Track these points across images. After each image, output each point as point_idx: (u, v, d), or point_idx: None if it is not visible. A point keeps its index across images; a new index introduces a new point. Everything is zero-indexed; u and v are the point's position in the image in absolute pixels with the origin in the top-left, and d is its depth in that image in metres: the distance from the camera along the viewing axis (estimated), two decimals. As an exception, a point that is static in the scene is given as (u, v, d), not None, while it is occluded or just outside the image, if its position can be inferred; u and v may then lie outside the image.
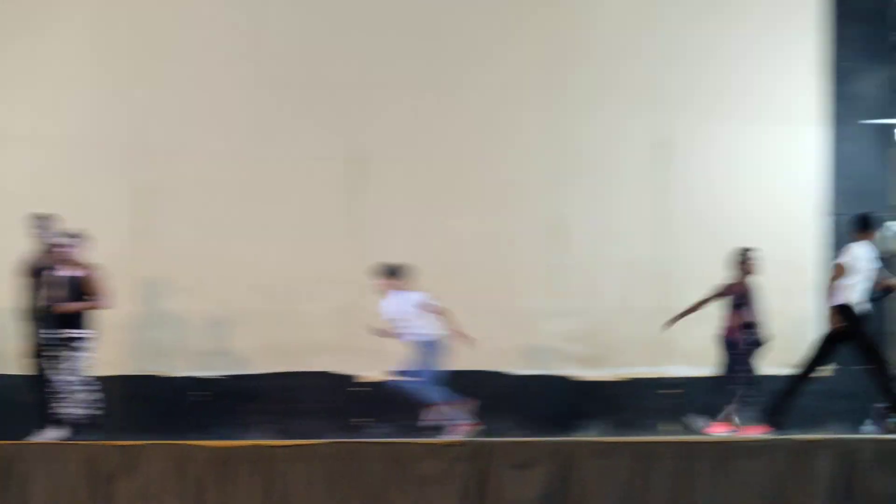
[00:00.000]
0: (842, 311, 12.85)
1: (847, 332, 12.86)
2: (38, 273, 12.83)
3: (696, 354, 14.42)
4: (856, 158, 15.20)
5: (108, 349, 14.02)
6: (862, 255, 12.89)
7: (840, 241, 14.67)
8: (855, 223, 13.09)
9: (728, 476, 11.30)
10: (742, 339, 13.63)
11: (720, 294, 13.66)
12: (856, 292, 12.86)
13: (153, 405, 13.95)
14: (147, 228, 14.57)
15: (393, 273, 13.51)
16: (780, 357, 14.00)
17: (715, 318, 13.85)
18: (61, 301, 12.61)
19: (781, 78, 15.18)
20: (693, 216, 14.90)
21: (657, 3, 15.12)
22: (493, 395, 14.22)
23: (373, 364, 14.27)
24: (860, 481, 11.21)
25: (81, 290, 12.66)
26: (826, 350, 13.11)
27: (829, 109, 15.17)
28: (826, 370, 13.63)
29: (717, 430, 13.41)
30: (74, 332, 12.66)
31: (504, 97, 14.89)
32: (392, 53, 14.90)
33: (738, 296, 13.64)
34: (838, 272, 12.87)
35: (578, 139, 14.89)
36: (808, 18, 15.22)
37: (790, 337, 14.30)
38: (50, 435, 12.59)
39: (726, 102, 15.08)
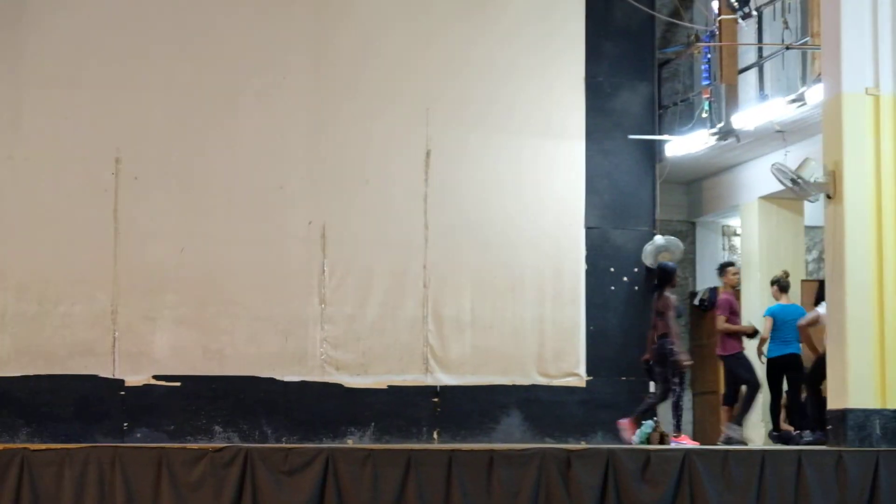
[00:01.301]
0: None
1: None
2: None
3: (455, 364, 14.77)
4: (618, 173, 15.60)
5: None
6: None
7: (595, 253, 15.13)
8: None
9: (491, 484, 11.47)
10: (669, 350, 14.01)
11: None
12: None
13: None
14: None
15: None
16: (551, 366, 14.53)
17: (471, 327, 14.22)
18: None
19: (546, 93, 15.46)
20: (461, 226, 15.05)
21: (434, 19, 15.24)
22: (261, 400, 14.35)
23: (134, 368, 14.15)
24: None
25: None
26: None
27: (590, 125, 15.49)
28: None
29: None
30: None
31: (279, 103, 14.85)
32: (160, 55, 14.69)
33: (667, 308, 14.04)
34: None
35: (353, 148, 14.92)
36: (571, 36, 15.54)
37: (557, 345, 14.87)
38: None
39: (495, 116, 15.30)
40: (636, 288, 15.31)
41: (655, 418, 13.96)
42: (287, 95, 14.88)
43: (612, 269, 15.27)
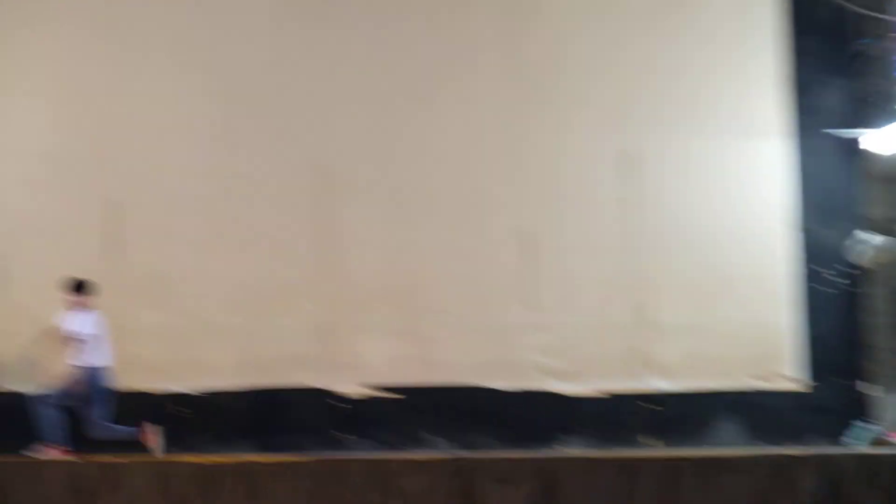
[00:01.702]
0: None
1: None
2: None
3: (673, 369, 14.66)
4: (821, 171, 15.33)
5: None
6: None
7: (810, 254, 14.87)
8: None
9: (712, 491, 11.43)
10: None
11: None
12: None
13: (131, 421, 13.80)
14: (118, 243, 14.47)
15: (79, 288, 13.57)
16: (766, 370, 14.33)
17: (691, 332, 14.06)
18: None
19: (745, 92, 15.27)
20: (663, 230, 14.92)
21: (626, 22, 15.13)
22: (473, 410, 14.41)
23: (351, 378, 14.36)
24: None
25: None
26: None
27: (792, 122, 15.26)
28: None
29: None
30: None
31: (476, 111, 14.90)
32: (361, 65, 14.88)
33: None
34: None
35: (550, 154, 14.89)
36: (768, 33, 15.31)
37: (761, 350, 14.61)
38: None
39: (693, 117, 15.12)
40: (852, 289, 15.07)
41: (879, 421, 13.72)
42: (484, 103, 14.88)
43: (823, 270, 14.99)
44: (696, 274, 14.76)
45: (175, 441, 13.58)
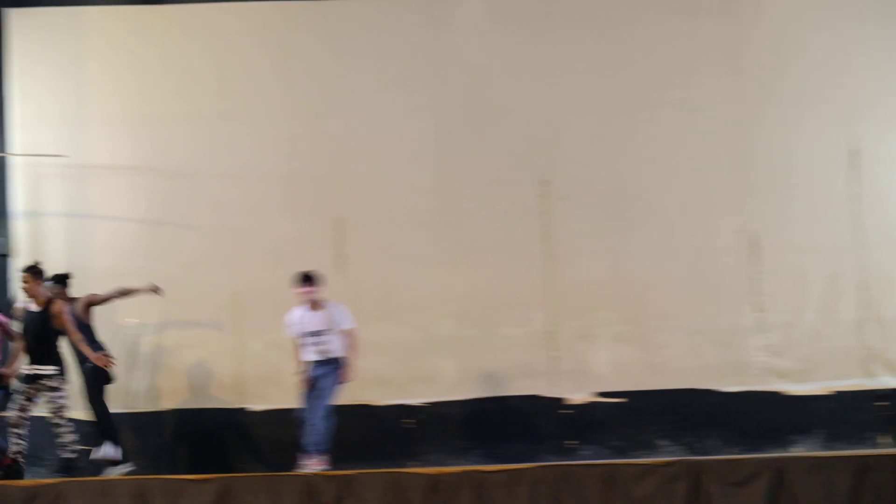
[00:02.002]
0: None
1: None
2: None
3: (904, 366, 14.61)
4: None
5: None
6: None
7: None
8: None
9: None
10: None
11: None
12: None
13: (364, 433, 14.12)
14: (347, 259, 14.81)
15: (313, 281, 13.50)
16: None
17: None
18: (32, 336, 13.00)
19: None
20: (888, 225, 14.71)
21: (854, 19, 14.94)
22: (703, 412, 14.42)
23: (575, 387, 14.48)
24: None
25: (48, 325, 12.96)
26: None
27: None
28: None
29: None
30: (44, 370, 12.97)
31: (698, 114, 14.90)
32: (583, 75, 15.01)
33: None
34: None
35: (776, 153, 14.81)
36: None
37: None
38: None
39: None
40: None
41: None
42: (705, 105, 14.90)
43: None
44: (928, 269, 14.60)
45: (403, 452, 13.99)
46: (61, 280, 13.51)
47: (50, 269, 13.15)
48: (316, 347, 13.35)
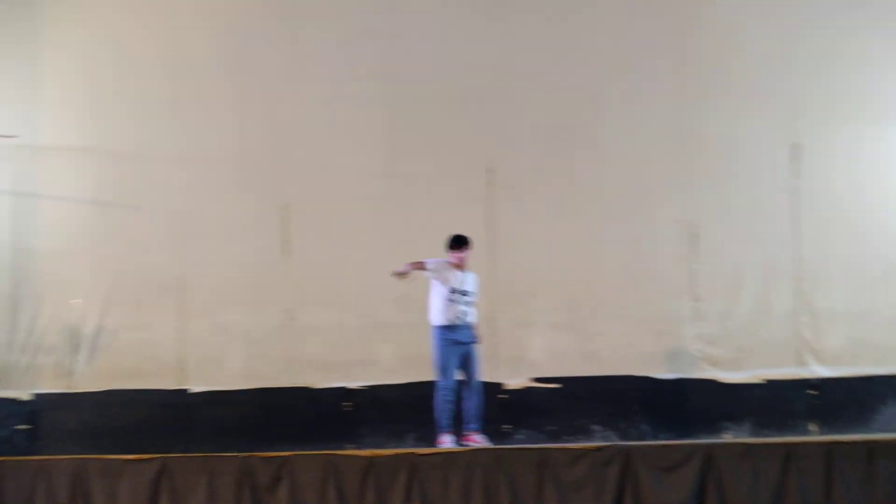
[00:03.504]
0: None
1: None
2: None
3: (831, 356, 14.67)
4: None
5: (256, 362, 14.49)
6: None
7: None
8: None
9: (873, 476, 11.30)
10: None
11: None
12: None
13: (302, 415, 14.34)
14: (292, 243, 14.94)
15: (469, 244, 13.37)
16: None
17: (845, 318, 14.16)
18: None
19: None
20: (835, 218, 14.89)
21: (803, 13, 15.12)
22: (637, 399, 14.58)
23: (513, 372, 14.63)
24: None
25: None
26: None
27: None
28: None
29: None
30: None
31: (638, 104, 15.12)
32: (525, 64, 15.16)
33: None
34: None
35: (719, 145, 14.99)
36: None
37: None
38: None
39: (869, 108, 15.03)
40: None
41: None
42: (652, 97, 15.08)
43: None
44: (861, 261, 14.78)
45: (341, 434, 14.13)
46: None
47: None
48: (466, 307, 13.18)
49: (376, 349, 14.85)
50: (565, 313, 14.76)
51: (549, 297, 14.77)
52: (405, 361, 14.68)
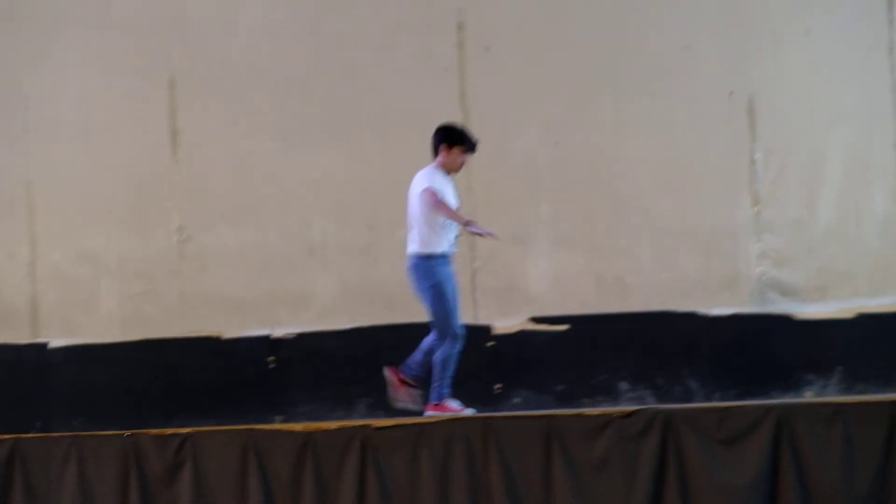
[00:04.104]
0: None
1: None
2: None
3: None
4: None
5: (138, 303, 14.67)
6: None
7: None
8: None
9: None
10: None
11: None
12: None
13: (209, 376, 14.80)
14: (183, 133, 15.14)
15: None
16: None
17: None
18: None
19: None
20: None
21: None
22: (680, 344, 14.31)
23: (504, 310, 14.73)
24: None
25: None
26: None
27: None
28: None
29: None
30: None
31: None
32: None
33: None
34: None
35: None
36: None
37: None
38: None
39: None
40: None
41: None
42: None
43: None
44: None
45: (262, 401, 14.17)
46: None
47: None
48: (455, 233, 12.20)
49: (309, 281, 14.49)
50: (575, 224, 14.28)
51: (552, 203, 14.31)
52: (350, 298, 14.30)
